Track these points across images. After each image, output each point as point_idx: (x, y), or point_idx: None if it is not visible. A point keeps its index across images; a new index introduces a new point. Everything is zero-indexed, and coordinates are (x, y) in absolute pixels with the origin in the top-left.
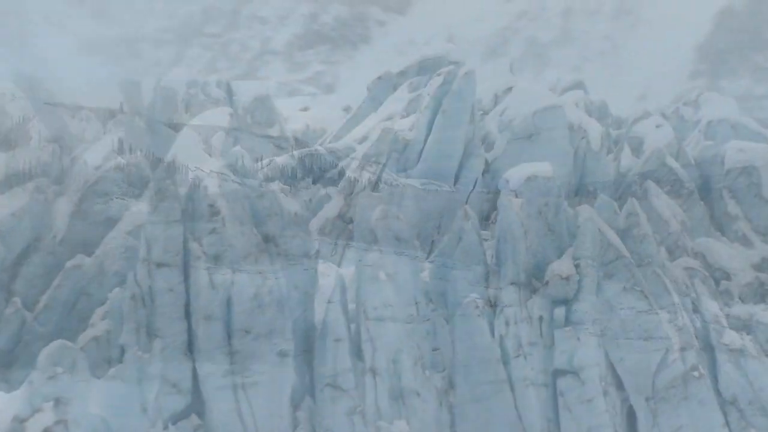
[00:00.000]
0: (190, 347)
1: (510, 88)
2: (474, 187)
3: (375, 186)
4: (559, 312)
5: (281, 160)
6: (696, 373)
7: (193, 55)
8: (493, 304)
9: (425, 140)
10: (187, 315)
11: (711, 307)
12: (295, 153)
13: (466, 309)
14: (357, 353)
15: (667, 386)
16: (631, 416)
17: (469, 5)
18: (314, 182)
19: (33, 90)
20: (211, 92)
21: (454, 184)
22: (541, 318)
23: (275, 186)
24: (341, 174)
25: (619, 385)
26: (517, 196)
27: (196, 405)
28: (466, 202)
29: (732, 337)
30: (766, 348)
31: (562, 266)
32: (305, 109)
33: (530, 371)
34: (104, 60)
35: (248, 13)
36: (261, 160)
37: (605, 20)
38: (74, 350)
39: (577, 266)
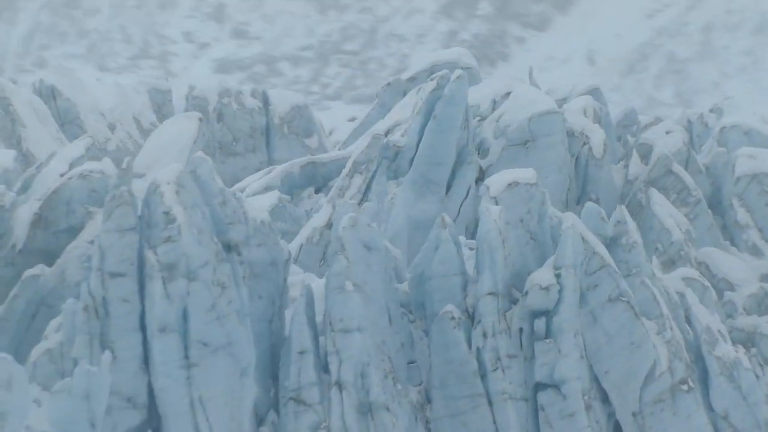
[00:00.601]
0: (146, 360)
1: (508, 93)
2: (467, 195)
3: (364, 194)
4: (540, 323)
5: (283, 168)
6: (685, 387)
7: (332, 73)
8: (471, 316)
9: (417, 147)
10: (143, 327)
11: (705, 318)
12: (297, 161)
13: (442, 320)
14: (323, 366)
15: (655, 400)
16: (617, 431)
17: (608, 22)
18: (317, 191)
19: None
20: (245, 101)
21: (447, 192)
22: (521, 330)
23: (241, 193)
24: None
25: (605, 399)
26: (497, 203)
27: (153, 421)
28: (459, 211)
29: (725, 350)
30: None
31: (542, 276)
32: (352, 120)
33: (509, 385)
34: (243, 78)
35: (386, 31)
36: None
37: (746, 35)
38: (11, 363)
39: (557, 276)
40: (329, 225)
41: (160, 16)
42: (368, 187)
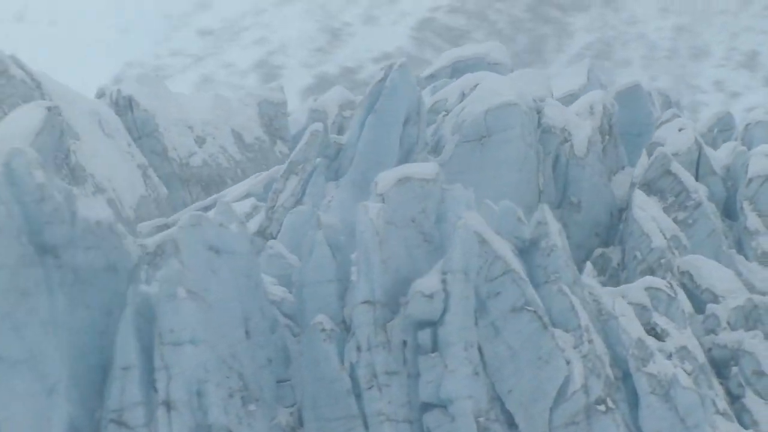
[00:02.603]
0: None
1: (476, 85)
2: None
3: (299, 197)
4: (424, 335)
5: (267, 174)
6: (602, 407)
7: None
8: (349, 328)
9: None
10: None
11: (635, 331)
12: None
13: (312, 333)
14: (151, 384)
15: (567, 422)
16: None
17: None
18: None
19: None
20: None
21: None
22: (404, 343)
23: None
24: None
25: (509, 421)
26: (384, 201)
27: None
28: None
29: (661, 366)
30: (752, 380)
31: (426, 282)
32: None
33: (386, 405)
34: None
35: None
36: None
37: None
38: None
39: (444, 281)
40: (260, 232)
41: (692, 66)
42: (303, 190)
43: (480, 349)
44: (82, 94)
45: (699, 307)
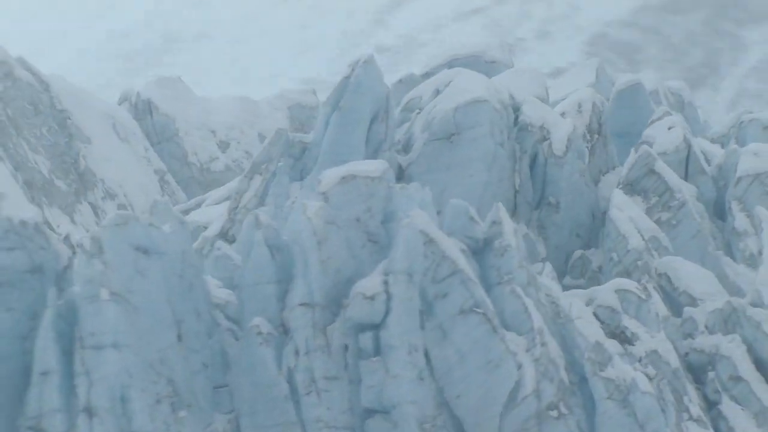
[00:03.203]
0: None
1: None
2: None
3: (262, 198)
4: (366, 339)
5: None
6: (554, 413)
7: None
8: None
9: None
10: None
11: (593, 334)
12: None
13: (248, 336)
14: (72, 389)
15: (518, 428)
16: None
17: None
18: None
19: None
20: None
21: None
22: (346, 347)
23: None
24: None
25: (457, 428)
26: (327, 200)
27: None
28: None
29: (621, 371)
30: (729, 386)
31: (367, 284)
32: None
33: (326, 411)
34: None
35: None
36: None
37: None
38: None
39: (385, 283)
40: (222, 234)
41: None
42: (265, 191)
43: (427, 353)
44: (100, 97)
45: (677, 310)
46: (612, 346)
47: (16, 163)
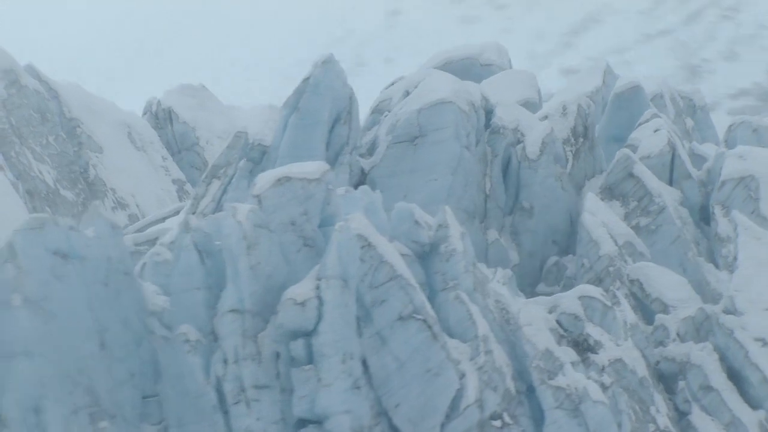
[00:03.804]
0: None
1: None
2: None
3: (219, 204)
4: (297, 346)
5: None
6: (498, 423)
7: None
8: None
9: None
10: None
11: (543, 341)
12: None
13: (175, 343)
14: None
15: None
16: None
17: None
18: None
19: None
20: None
21: None
22: (277, 355)
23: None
24: None
25: None
26: (261, 202)
27: None
28: None
29: (572, 379)
30: (699, 396)
31: (298, 289)
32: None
33: (255, 421)
34: None
35: None
36: None
37: None
38: None
39: (317, 288)
40: None
41: None
42: (222, 195)
43: (365, 361)
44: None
45: (649, 317)
46: (565, 353)
47: (18, 172)
